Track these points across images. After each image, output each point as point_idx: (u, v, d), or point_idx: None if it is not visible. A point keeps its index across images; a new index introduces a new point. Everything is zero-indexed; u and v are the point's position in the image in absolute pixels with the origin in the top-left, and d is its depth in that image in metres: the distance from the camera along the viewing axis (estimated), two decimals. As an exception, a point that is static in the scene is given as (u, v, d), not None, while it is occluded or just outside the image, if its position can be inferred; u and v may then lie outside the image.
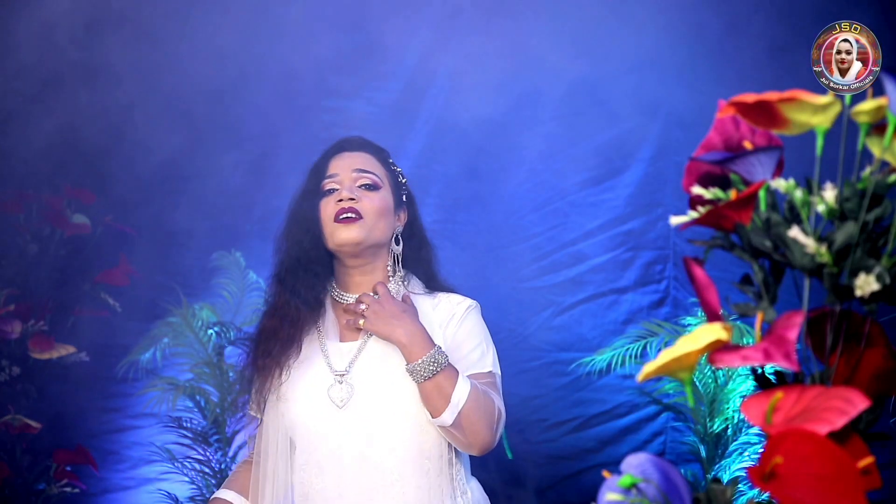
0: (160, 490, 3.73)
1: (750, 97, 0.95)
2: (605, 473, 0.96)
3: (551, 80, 3.81)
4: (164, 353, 3.74)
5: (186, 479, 3.66)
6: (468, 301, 2.24)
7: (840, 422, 0.87)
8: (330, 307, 2.26)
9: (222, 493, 2.23)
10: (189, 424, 3.66)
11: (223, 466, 3.65)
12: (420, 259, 2.30)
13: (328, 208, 2.21)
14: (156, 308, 3.74)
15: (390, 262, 2.25)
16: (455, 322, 2.19)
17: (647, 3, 3.71)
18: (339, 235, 2.17)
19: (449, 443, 2.13)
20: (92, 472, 3.62)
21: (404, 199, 2.30)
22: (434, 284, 2.29)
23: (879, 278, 0.93)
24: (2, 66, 3.36)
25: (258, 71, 3.81)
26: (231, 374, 3.67)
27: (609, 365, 3.59)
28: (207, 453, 3.66)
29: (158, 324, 3.72)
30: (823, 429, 0.87)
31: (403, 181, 2.32)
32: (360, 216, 2.17)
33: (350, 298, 2.23)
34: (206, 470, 3.65)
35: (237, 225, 3.91)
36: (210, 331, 3.70)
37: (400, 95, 3.92)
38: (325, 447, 2.13)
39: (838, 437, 0.89)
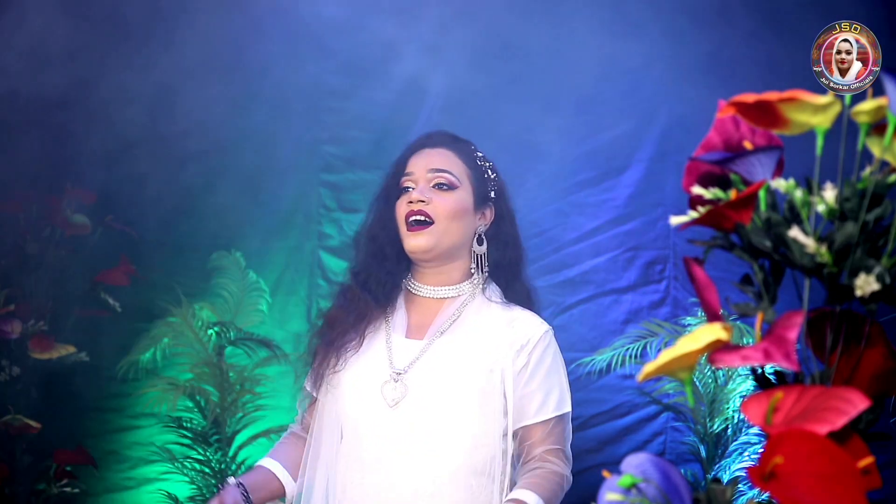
0: (160, 490, 3.73)
1: (750, 97, 0.95)
2: (605, 473, 0.96)
3: (551, 80, 3.81)
4: (164, 353, 3.74)
5: (186, 479, 3.66)
6: (545, 326, 2.16)
7: (840, 422, 0.87)
8: (403, 300, 2.22)
9: (266, 462, 2.19)
10: (189, 424, 3.66)
11: (223, 466, 3.65)
12: (504, 261, 2.21)
13: (401, 208, 2.16)
14: (156, 308, 3.74)
15: (473, 264, 2.19)
16: (529, 351, 2.11)
17: (647, 4, 3.71)
18: (409, 243, 2.14)
19: (502, 463, 2.08)
20: (92, 472, 3.62)
21: (492, 194, 2.22)
22: (512, 294, 2.20)
23: (879, 278, 0.93)
24: (2, 66, 3.36)
25: (258, 71, 3.81)
26: (231, 374, 3.67)
27: (609, 365, 3.59)
28: (207, 453, 3.66)
29: (158, 324, 3.72)
30: (823, 429, 0.87)
31: (492, 176, 2.23)
32: (429, 220, 2.12)
33: (424, 291, 2.19)
34: (206, 470, 3.65)
35: (237, 225, 3.91)
36: (210, 331, 3.70)
37: (399, 97, 3.91)
38: (370, 444, 2.08)
39: (838, 437, 0.89)
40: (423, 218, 2.12)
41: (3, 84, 3.34)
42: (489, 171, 2.23)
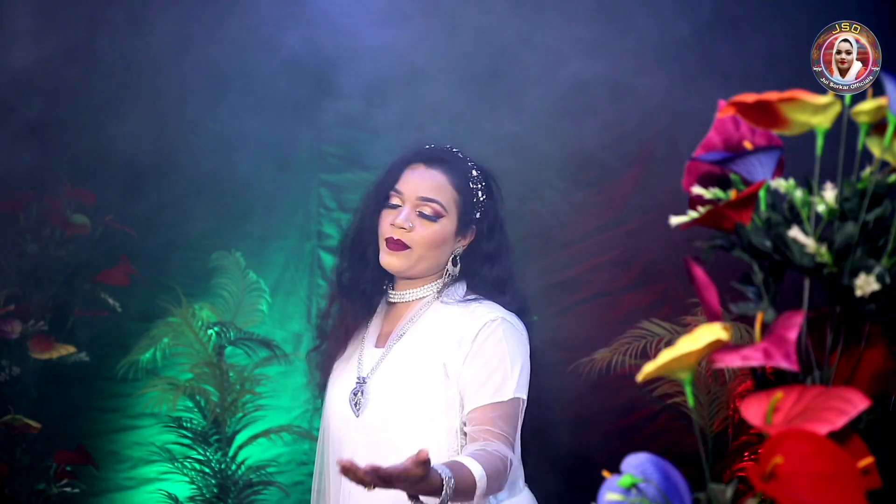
0: (160, 490, 3.73)
1: (750, 97, 0.95)
2: (605, 473, 0.96)
3: (551, 80, 3.81)
4: (164, 353, 3.74)
5: (186, 479, 3.66)
6: (491, 314, 2.12)
7: (840, 422, 0.87)
8: (381, 309, 2.27)
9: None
10: (189, 424, 3.66)
11: (223, 466, 3.65)
12: (494, 277, 2.21)
13: (384, 224, 2.17)
14: (156, 308, 3.73)
15: (444, 281, 2.20)
16: (470, 340, 2.09)
17: (647, 4, 3.71)
18: (384, 259, 2.16)
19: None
20: (92, 472, 3.62)
21: (477, 215, 2.20)
22: (483, 293, 2.19)
23: (879, 278, 0.93)
24: (2, 66, 3.36)
25: (258, 71, 3.81)
26: (231, 374, 3.67)
27: (609, 365, 3.59)
28: (207, 453, 3.65)
29: (158, 324, 3.72)
30: (823, 429, 0.87)
31: (482, 199, 2.21)
32: (407, 247, 2.14)
33: (395, 297, 2.22)
34: (206, 470, 3.65)
35: (237, 225, 3.91)
36: (210, 331, 3.70)
37: (399, 96, 3.92)
38: (343, 452, 2.12)
39: (838, 437, 0.89)
40: (400, 245, 2.14)
41: (3, 84, 3.34)
42: (480, 192, 2.21)
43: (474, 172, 2.21)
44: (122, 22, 3.62)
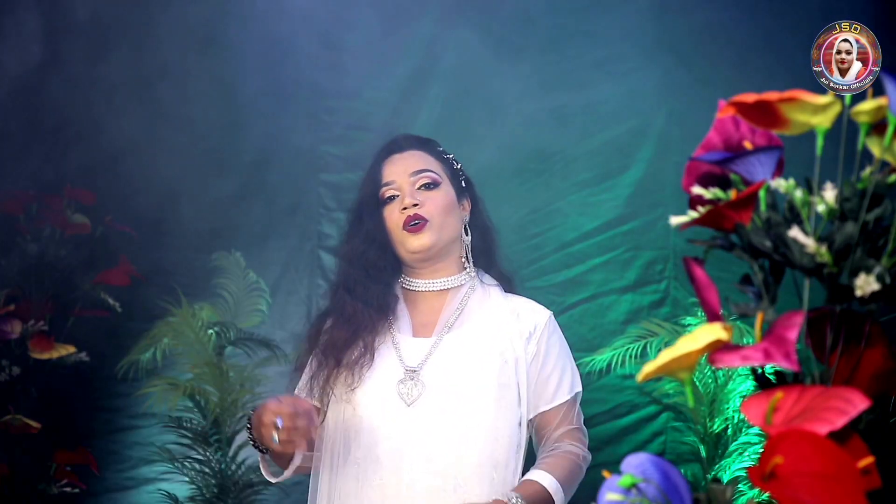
0: (160, 490, 3.73)
1: (750, 97, 0.95)
2: (605, 473, 0.96)
3: (551, 80, 3.81)
4: (164, 353, 3.74)
5: (186, 479, 3.66)
6: (547, 311, 2.21)
7: (840, 422, 0.87)
8: (402, 298, 2.23)
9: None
10: (189, 424, 3.66)
11: (223, 466, 3.65)
12: (485, 248, 2.26)
13: (393, 217, 2.17)
14: (156, 308, 3.73)
15: (463, 254, 2.22)
16: (538, 338, 2.15)
17: (647, 4, 3.71)
18: (411, 244, 2.15)
19: (518, 452, 2.10)
20: (92, 472, 3.62)
21: (463, 184, 2.26)
22: (505, 286, 2.24)
23: (879, 278, 0.93)
24: (1, 65, 3.36)
25: (258, 71, 3.81)
26: (231, 374, 3.67)
27: (609, 365, 3.59)
28: (207, 453, 3.65)
29: (158, 324, 3.72)
30: (823, 429, 0.87)
31: (458, 167, 2.27)
32: (426, 220, 2.14)
33: (423, 286, 2.20)
34: (206, 470, 3.65)
35: (237, 225, 3.91)
36: (210, 331, 3.70)
37: (400, 96, 3.92)
38: (388, 444, 2.07)
39: (838, 437, 0.89)
40: (419, 221, 2.14)
41: (3, 84, 3.34)
42: (454, 161, 2.28)
43: (440, 147, 2.29)
44: (123, 25, 3.62)
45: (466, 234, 2.22)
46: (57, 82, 3.56)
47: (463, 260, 2.22)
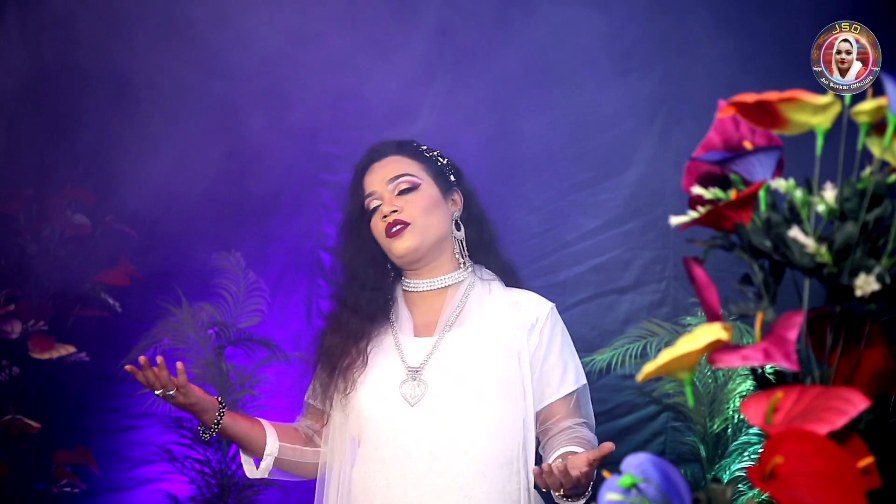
0: (160, 490, 3.73)
1: (750, 97, 0.95)
2: (605, 473, 0.96)
3: (551, 79, 3.81)
4: (165, 353, 3.73)
5: (186, 479, 3.66)
6: (549, 303, 2.23)
7: (840, 422, 0.87)
8: (401, 298, 2.25)
9: (265, 423, 2.22)
10: (189, 424, 3.66)
11: (223, 466, 3.65)
12: (482, 241, 2.27)
13: (378, 226, 2.20)
14: (156, 308, 3.73)
15: (457, 250, 2.23)
16: (539, 330, 2.17)
17: (647, 4, 3.71)
18: (395, 249, 2.17)
19: (524, 450, 2.10)
20: (92, 472, 3.62)
21: (452, 178, 2.27)
22: (507, 278, 2.26)
23: (879, 278, 0.93)
24: (1, 65, 3.36)
25: (258, 71, 3.81)
26: (231, 374, 3.67)
27: (609, 365, 3.59)
28: (207, 453, 3.65)
29: (158, 324, 3.72)
30: (823, 429, 0.87)
31: (445, 161, 2.28)
32: (407, 223, 2.16)
33: (422, 286, 2.22)
34: (206, 470, 3.65)
35: (237, 225, 3.91)
36: (210, 331, 3.70)
37: (399, 96, 3.91)
38: (393, 444, 2.09)
39: (838, 437, 0.89)
40: (399, 225, 2.16)
41: (3, 85, 3.34)
42: (438, 157, 2.28)
43: (422, 147, 2.30)
44: (123, 26, 3.62)
45: (458, 229, 2.24)
46: (58, 83, 3.56)
47: (457, 256, 2.23)
